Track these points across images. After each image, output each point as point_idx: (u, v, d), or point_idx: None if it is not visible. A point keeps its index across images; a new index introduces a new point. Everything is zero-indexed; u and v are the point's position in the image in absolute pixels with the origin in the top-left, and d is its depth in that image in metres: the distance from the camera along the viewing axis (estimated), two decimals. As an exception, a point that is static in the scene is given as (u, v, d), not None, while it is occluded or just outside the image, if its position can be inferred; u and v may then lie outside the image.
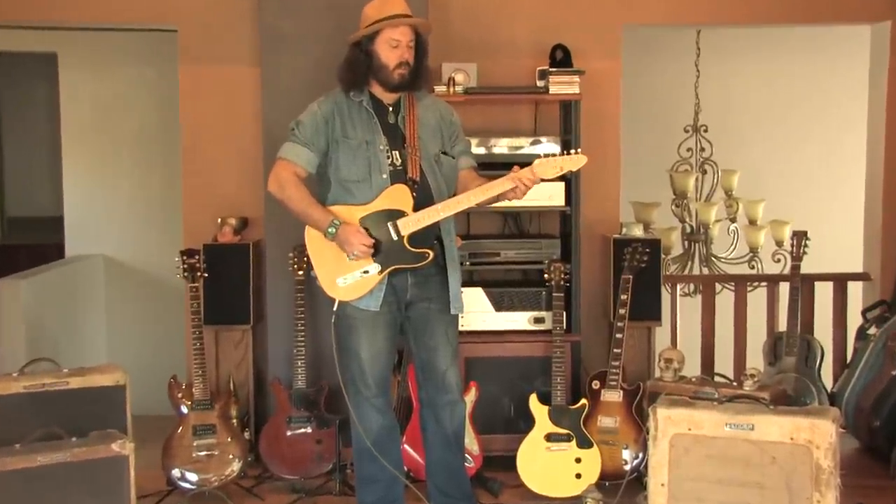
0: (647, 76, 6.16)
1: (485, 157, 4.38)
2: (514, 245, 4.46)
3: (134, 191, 6.39)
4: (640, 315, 4.38)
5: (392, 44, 3.36)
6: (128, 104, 6.36)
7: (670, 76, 6.18)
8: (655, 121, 6.18)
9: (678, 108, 5.79)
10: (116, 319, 6.36)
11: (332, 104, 3.42)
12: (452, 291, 3.47)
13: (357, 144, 3.37)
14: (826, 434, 2.85)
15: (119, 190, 6.40)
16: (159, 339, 6.11)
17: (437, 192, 3.41)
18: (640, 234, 4.56)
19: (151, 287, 6.30)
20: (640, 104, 5.93)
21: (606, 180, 4.71)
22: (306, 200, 3.36)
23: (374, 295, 3.38)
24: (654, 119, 6.21)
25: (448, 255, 3.46)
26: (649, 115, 6.20)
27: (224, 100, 4.66)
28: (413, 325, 3.50)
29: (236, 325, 4.46)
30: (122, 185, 6.40)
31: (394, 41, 3.36)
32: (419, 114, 3.45)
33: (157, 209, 6.29)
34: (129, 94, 6.36)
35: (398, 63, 3.37)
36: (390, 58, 3.37)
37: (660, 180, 5.56)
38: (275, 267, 4.48)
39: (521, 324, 4.41)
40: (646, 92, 6.14)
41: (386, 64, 3.37)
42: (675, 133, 5.59)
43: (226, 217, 4.54)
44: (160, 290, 6.19)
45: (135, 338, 6.29)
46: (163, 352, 5.86)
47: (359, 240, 3.30)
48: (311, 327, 4.34)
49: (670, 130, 5.69)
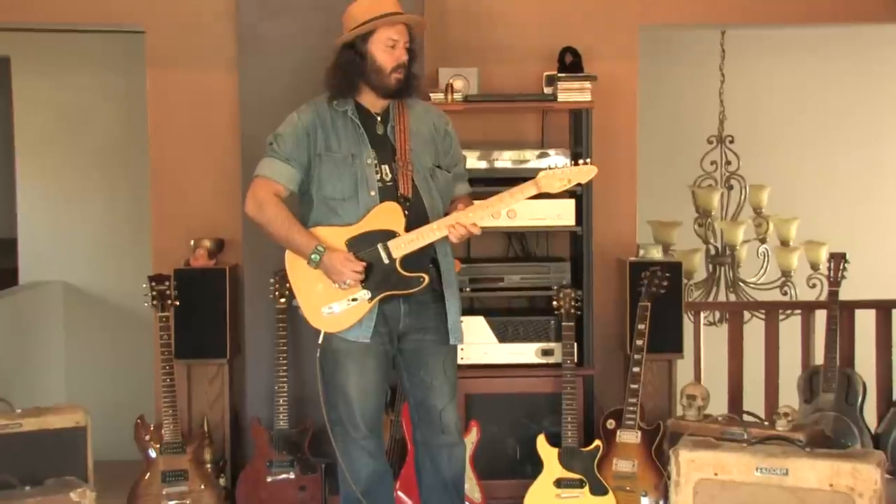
0: (666, 82, 6.20)
1: (486, 173, 4.41)
2: (519, 269, 4.48)
3: (97, 210, 6.41)
4: (660, 346, 4.40)
5: (388, 44, 3.39)
6: (90, 114, 6.39)
7: (692, 82, 6.22)
8: (676, 131, 6.21)
9: (701, 117, 5.82)
10: (77, 353, 6.36)
11: (313, 114, 3.44)
12: (451, 320, 3.48)
13: (342, 158, 3.39)
14: (870, 480, 2.84)
15: (80, 209, 6.42)
16: (125, 374, 6.11)
17: (431, 210, 3.42)
18: (660, 256, 4.58)
19: (116, 317, 6.30)
20: (659, 113, 5.97)
21: (621, 197, 4.74)
22: (287, 223, 3.38)
23: (364, 325, 3.39)
24: (674, 129, 6.24)
25: (445, 279, 3.48)
26: (669, 124, 6.24)
27: (197, 109, 4.70)
28: (407, 358, 3.51)
29: (211, 358, 4.48)
30: (83, 203, 6.42)
31: (390, 41, 3.39)
32: (411, 123, 3.47)
33: (124, 230, 6.30)
34: (92, 102, 6.38)
35: (395, 66, 3.40)
36: (386, 60, 3.39)
37: (681, 197, 5.59)
38: (254, 294, 4.50)
39: (527, 356, 4.43)
40: (665, 99, 6.18)
41: (382, 66, 3.39)
42: (697, 144, 5.62)
43: (199, 239, 4.57)
44: (126, 320, 6.19)
45: (97, 373, 6.29)
46: (128, 389, 5.86)
47: (349, 267, 3.31)
48: (295, 361, 4.35)
49: (692, 142, 5.72)
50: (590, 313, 4.42)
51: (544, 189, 3.33)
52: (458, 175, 3.60)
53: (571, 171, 3.34)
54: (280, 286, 4.29)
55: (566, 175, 3.33)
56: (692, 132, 5.85)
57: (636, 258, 4.54)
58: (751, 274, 5.43)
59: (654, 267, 4.36)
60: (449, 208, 3.49)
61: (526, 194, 3.34)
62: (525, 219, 4.40)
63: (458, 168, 3.59)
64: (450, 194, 3.55)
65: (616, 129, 4.70)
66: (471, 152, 4.34)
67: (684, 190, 5.55)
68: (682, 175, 5.67)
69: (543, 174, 3.33)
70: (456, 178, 3.59)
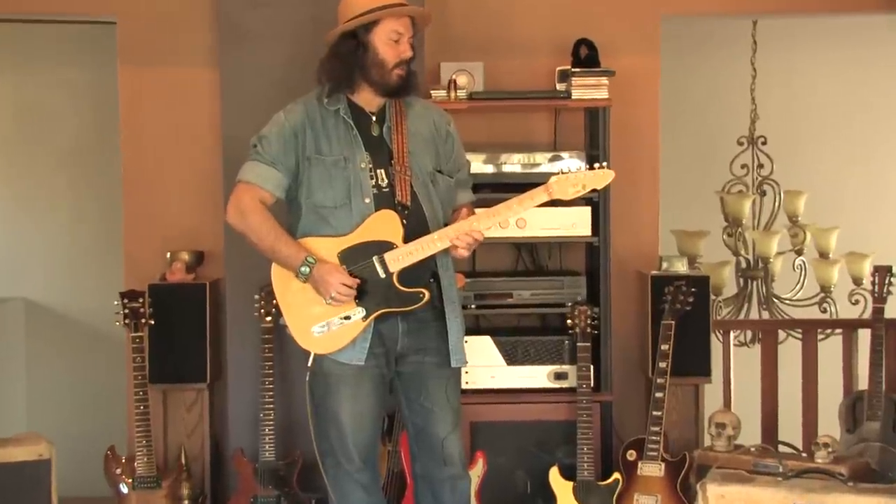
0: (691, 77, 6.20)
1: (493, 178, 4.44)
2: (529, 284, 4.51)
3: (62, 219, 6.42)
4: (686, 369, 4.42)
5: (393, 37, 3.41)
6: (55, 113, 6.40)
7: (720, 77, 6.23)
8: (703, 131, 6.22)
9: (730, 116, 5.83)
10: (40, 378, 6.36)
11: (301, 114, 3.47)
12: (453, 340, 3.50)
13: (333, 162, 3.42)
14: (916, 516, 2.86)
15: (43, 218, 6.43)
16: (93, 401, 6.11)
17: (432, 219, 3.45)
18: (685, 269, 4.61)
19: (84, 337, 6.30)
20: (684, 111, 5.98)
21: (643, 204, 4.77)
22: (274, 233, 3.40)
23: (358, 346, 3.41)
24: (700, 129, 6.24)
25: (447, 295, 3.50)
26: (695, 124, 6.24)
27: (174, 107, 4.73)
28: (405, 381, 3.53)
29: (189, 383, 4.50)
30: (47, 212, 6.43)
31: (395, 34, 3.41)
32: (409, 123, 3.50)
33: (92, 241, 6.31)
34: (57, 100, 6.40)
35: (398, 61, 3.42)
36: (389, 54, 3.42)
37: (708, 204, 5.60)
38: (237, 312, 4.52)
39: (538, 380, 4.45)
40: (690, 96, 6.18)
41: (384, 61, 3.42)
42: (726, 146, 5.62)
43: (177, 251, 4.60)
44: (95, 341, 6.20)
45: (63, 400, 6.29)
46: (98, 417, 5.86)
47: (338, 279, 3.33)
48: (282, 386, 4.37)
49: (721, 143, 5.73)
50: (607, 333, 4.45)
51: (556, 195, 3.35)
52: (460, 182, 3.62)
53: (586, 176, 3.36)
54: (266, 303, 4.32)
55: (580, 180, 3.35)
56: (721, 132, 5.86)
57: (659, 272, 4.56)
58: (786, 289, 5.44)
59: (678, 281, 4.39)
60: (451, 219, 3.51)
61: (536, 201, 3.36)
62: (536, 228, 4.43)
63: (460, 174, 3.62)
64: (451, 202, 3.57)
65: (636, 129, 4.73)
66: (475, 155, 4.37)
67: (712, 196, 5.56)
68: (710, 180, 5.67)
69: (556, 179, 3.35)
70: (458, 185, 3.61)
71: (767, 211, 5.55)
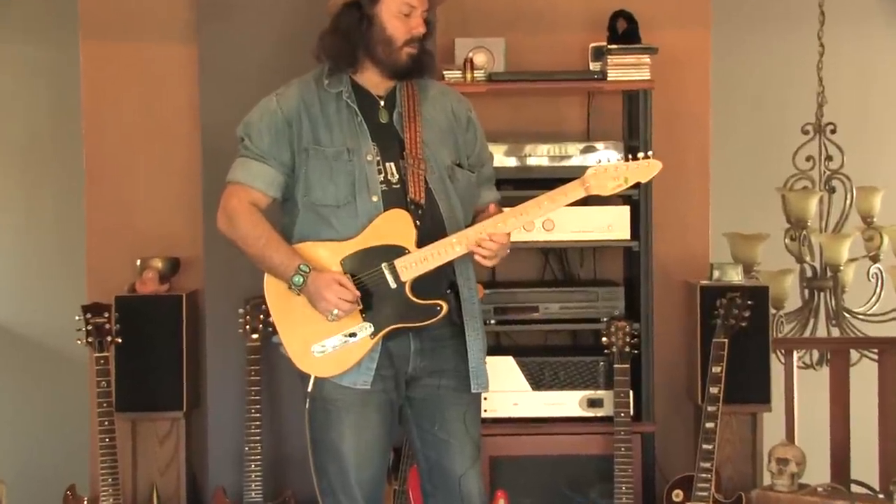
0: (747, 55, 6.20)
1: (516, 172, 4.48)
2: (558, 296, 4.55)
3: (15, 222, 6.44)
4: (742, 395, 4.45)
5: (404, 10, 3.42)
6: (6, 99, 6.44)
7: (781, 54, 6.22)
8: (760, 118, 6.22)
9: (793, 100, 5.81)
10: (-12, 406, 6.40)
11: (296, 98, 3.48)
12: (473, 361, 3.52)
13: (334, 154, 3.44)
14: None
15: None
16: (51, 432, 6.13)
17: (450, 220, 3.47)
18: (740, 279, 4.63)
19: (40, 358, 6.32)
20: (738, 95, 5.98)
21: (690, 203, 4.81)
22: (264, 238, 3.41)
23: (364, 367, 3.43)
24: (758, 115, 6.24)
25: (467, 309, 3.52)
26: (751, 109, 6.25)
27: (146, 91, 4.77)
28: (417, 409, 3.55)
29: (163, 411, 4.54)
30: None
31: (406, 6, 3.43)
32: (423, 109, 3.52)
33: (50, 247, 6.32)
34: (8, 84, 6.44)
35: (409, 38, 3.44)
36: (399, 30, 3.43)
37: (767, 203, 5.60)
38: (218, 329, 4.57)
39: (569, 408, 4.49)
40: (746, 77, 6.19)
41: (392, 37, 3.43)
42: (788, 135, 5.61)
43: (148, 258, 4.64)
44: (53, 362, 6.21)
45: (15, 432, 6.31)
46: (56, 451, 5.88)
47: (336, 293, 3.33)
48: (271, 415, 4.41)
49: (782, 132, 5.73)
50: (649, 352, 4.48)
51: (594, 191, 3.37)
52: (483, 178, 3.65)
53: (629, 168, 3.37)
54: (252, 318, 4.36)
55: (622, 173, 3.36)
56: (781, 119, 5.86)
57: (709, 281, 4.59)
58: (859, 302, 5.44)
59: (732, 293, 4.41)
60: (474, 220, 3.52)
61: (570, 198, 3.38)
62: (566, 231, 4.48)
63: (484, 169, 3.65)
64: (472, 202, 3.60)
65: (683, 115, 4.77)
66: (496, 146, 4.39)
67: (772, 194, 5.56)
68: (770, 175, 5.66)
69: (593, 171, 3.37)
70: (481, 182, 3.63)
71: (837, 210, 5.53)
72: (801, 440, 4.82)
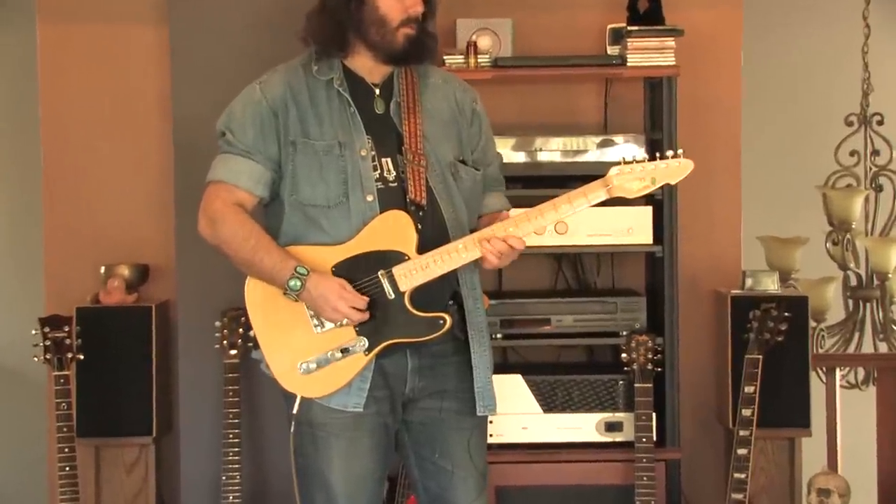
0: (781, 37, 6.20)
1: (525, 169, 4.50)
2: (572, 307, 4.57)
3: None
4: (778, 419, 4.47)
5: None
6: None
7: (822, 37, 6.23)
8: (798, 108, 6.22)
9: (835, 88, 5.82)
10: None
11: (282, 85, 3.48)
12: (480, 381, 3.52)
13: (325, 148, 3.43)
14: None
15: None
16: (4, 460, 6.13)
17: (453, 222, 3.47)
18: (775, 288, 4.66)
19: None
20: (773, 82, 5.98)
21: (720, 203, 4.83)
22: (253, 239, 3.40)
23: (355, 388, 3.43)
24: (795, 105, 6.25)
25: (472, 322, 3.53)
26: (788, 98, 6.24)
27: (110, 79, 4.79)
28: (416, 434, 3.56)
29: (130, 436, 4.55)
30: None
31: None
32: (424, 99, 3.52)
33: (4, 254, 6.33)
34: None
35: (405, 18, 3.43)
36: (393, 8, 3.43)
37: (806, 203, 5.60)
38: (192, 343, 4.58)
39: (584, 432, 4.51)
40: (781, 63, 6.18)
41: (386, 17, 3.42)
42: (830, 127, 5.61)
43: (113, 265, 4.65)
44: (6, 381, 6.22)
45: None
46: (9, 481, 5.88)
47: (346, 299, 3.33)
48: (251, 440, 4.43)
49: (822, 123, 5.75)
50: (674, 370, 4.50)
51: (617, 193, 3.35)
52: (490, 180, 3.65)
53: (657, 168, 3.34)
54: (230, 331, 4.36)
55: (649, 173, 3.34)
56: (822, 110, 5.87)
57: (742, 291, 4.61)
58: (910, 313, 5.47)
59: (767, 304, 4.42)
60: (478, 226, 3.52)
61: (591, 200, 3.36)
62: (581, 235, 4.49)
63: (490, 170, 3.65)
64: (478, 204, 3.60)
65: (711, 104, 4.79)
66: (502, 140, 4.42)
67: (811, 192, 5.56)
68: (809, 171, 5.68)
69: (616, 171, 3.34)
70: (488, 185, 3.64)
71: (885, 211, 5.56)
72: (844, 469, 4.83)
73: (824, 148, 5.56)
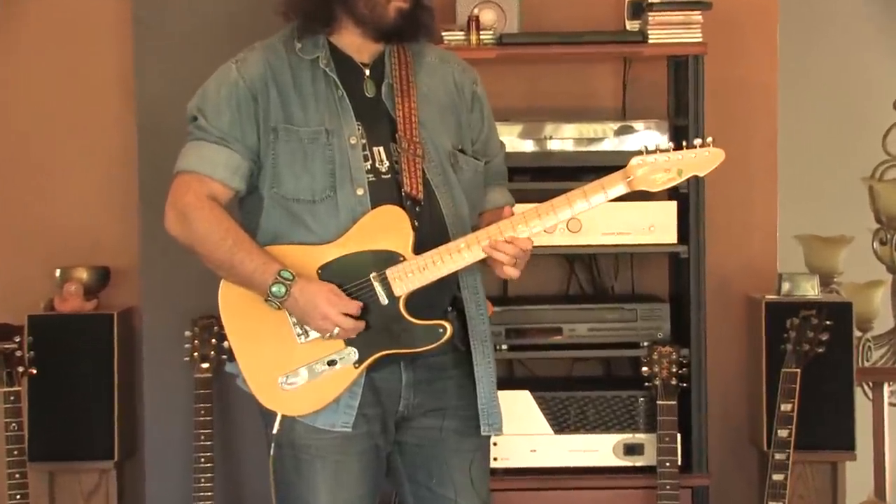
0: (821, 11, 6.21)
1: (534, 159, 4.51)
2: (586, 314, 4.58)
3: None
4: (818, 440, 4.49)
5: None
6: None
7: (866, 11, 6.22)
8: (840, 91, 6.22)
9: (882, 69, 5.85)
10: None
11: (261, 65, 3.48)
12: (483, 397, 3.52)
13: (310, 136, 3.43)
14: None
15: None
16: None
17: (453, 219, 3.47)
18: (816, 293, 4.66)
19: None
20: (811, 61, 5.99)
21: (753, 198, 4.85)
22: (231, 238, 3.38)
23: (343, 405, 3.43)
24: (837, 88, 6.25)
25: (474, 331, 3.53)
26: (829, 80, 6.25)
27: (65, 57, 4.81)
28: (411, 458, 3.56)
29: (89, 461, 4.56)
30: None
31: None
32: (419, 81, 3.53)
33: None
34: None
35: None
36: None
37: (850, 197, 5.62)
38: (159, 356, 4.59)
39: (601, 456, 4.52)
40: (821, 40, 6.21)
41: None
42: (877, 113, 5.63)
43: (70, 268, 4.65)
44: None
45: None
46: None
47: (337, 306, 3.32)
48: (226, 464, 4.45)
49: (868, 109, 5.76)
50: (702, 386, 4.50)
51: (639, 186, 3.33)
52: (492, 172, 3.66)
53: (684, 158, 3.33)
54: (202, 342, 4.36)
55: (675, 164, 3.33)
56: (867, 93, 5.89)
57: (777, 296, 4.63)
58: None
59: (806, 311, 4.43)
60: (481, 224, 3.52)
61: (610, 194, 3.35)
62: (596, 233, 4.51)
63: (492, 163, 3.66)
64: (480, 198, 3.61)
65: (744, 87, 4.82)
66: (508, 126, 4.44)
67: (856, 185, 5.58)
68: (853, 162, 5.70)
69: (638, 161, 3.33)
70: (490, 177, 3.65)
71: (938, 206, 5.59)
72: (893, 496, 4.84)
73: (870, 136, 5.58)
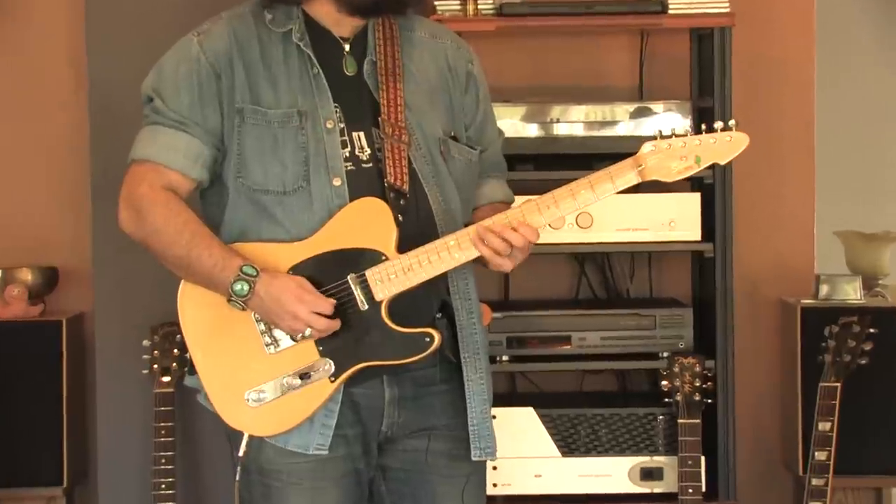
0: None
1: (539, 145, 4.51)
2: (598, 321, 4.59)
3: None
4: (861, 463, 4.50)
5: None
6: None
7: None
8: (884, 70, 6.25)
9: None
10: None
11: (226, 39, 3.48)
12: (475, 416, 3.53)
13: (281, 119, 3.43)
14: None
15: None
16: None
17: (442, 214, 3.48)
18: (858, 297, 4.67)
19: None
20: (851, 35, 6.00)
21: (786, 190, 4.85)
22: (188, 232, 3.38)
23: (318, 425, 3.43)
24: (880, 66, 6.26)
25: (465, 340, 3.54)
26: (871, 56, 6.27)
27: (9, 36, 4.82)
28: (395, 485, 3.57)
29: (35, 487, 4.57)
30: None
31: None
32: (406, 59, 3.53)
33: None
34: None
35: None
36: None
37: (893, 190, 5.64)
38: (114, 368, 4.61)
39: (615, 482, 4.53)
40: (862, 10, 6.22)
41: None
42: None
43: (13, 269, 4.68)
44: None
45: None
46: None
47: (306, 303, 3.31)
48: (188, 491, 4.45)
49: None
50: (729, 402, 4.50)
51: (653, 175, 3.34)
52: (488, 163, 3.66)
53: (703, 144, 3.34)
54: (163, 352, 4.36)
55: (693, 150, 3.34)
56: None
57: (815, 301, 4.63)
58: None
59: (847, 317, 4.42)
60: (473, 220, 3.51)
61: (619, 185, 3.35)
62: (609, 229, 4.51)
63: (488, 152, 3.65)
64: (473, 191, 3.62)
65: (776, 65, 4.82)
66: (510, 108, 4.45)
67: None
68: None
69: (651, 148, 3.35)
70: (485, 168, 3.65)
71: None
72: (943, 526, 4.86)
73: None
